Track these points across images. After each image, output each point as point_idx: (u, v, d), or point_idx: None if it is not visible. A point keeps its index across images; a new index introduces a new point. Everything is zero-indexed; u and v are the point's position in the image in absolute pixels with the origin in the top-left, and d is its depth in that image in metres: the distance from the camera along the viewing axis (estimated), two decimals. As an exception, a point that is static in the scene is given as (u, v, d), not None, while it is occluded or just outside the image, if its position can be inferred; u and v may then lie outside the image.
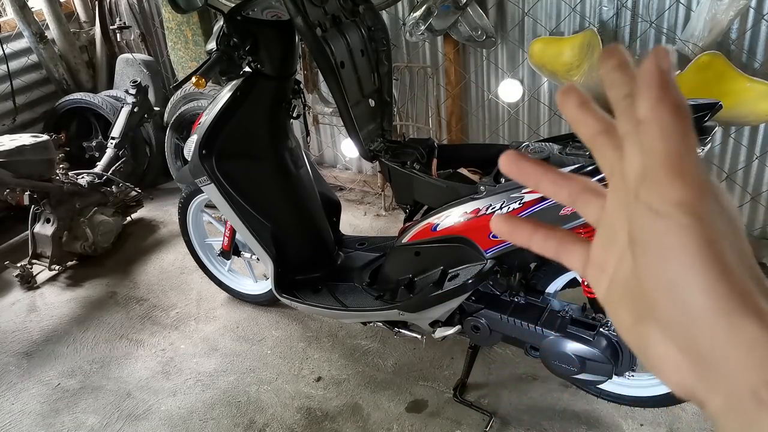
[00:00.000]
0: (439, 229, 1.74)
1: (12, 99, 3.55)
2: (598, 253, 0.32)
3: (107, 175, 3.18)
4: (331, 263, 2.26)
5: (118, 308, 2.72)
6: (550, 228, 0.35)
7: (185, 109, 3.28)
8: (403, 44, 3.03)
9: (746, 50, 2.28)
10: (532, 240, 0.35)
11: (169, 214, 3.46)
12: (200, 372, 2.29)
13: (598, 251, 0.32)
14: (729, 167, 2.51)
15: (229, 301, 2.68)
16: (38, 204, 2.94)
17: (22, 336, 2.59)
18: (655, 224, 0.26)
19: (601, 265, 0.31)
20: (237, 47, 1.82)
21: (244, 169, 2.08)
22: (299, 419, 2.04)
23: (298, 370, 2.25)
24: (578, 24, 2.57)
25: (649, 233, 0.27)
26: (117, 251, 3.17)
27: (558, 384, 2.04)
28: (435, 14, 2.59)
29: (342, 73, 1.74)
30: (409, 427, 1.97)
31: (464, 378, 2.05)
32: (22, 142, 2.79)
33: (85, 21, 4.00)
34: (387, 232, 3.06)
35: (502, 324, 1.79)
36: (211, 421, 2.07)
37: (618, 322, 0.31)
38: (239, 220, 2.10)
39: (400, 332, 2.05)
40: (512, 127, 2.99)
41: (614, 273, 0.30)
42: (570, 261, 0.34)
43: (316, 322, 2.49)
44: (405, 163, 1.84)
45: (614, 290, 0.30)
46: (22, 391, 2.27)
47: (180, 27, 3.29)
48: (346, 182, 3.53)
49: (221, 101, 1.99)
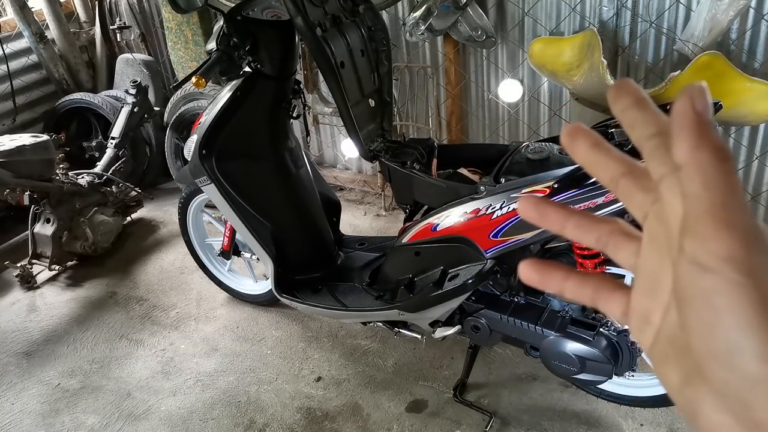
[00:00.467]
0: (439, 229, 1.74)
1: (12, 99, 3.55)
2: (640, 301, 0.29)
3: (107, 175, 3.18)
4: (331, 263, 2.26)
5: (118, 308, 2.72)
6: (584, 274, 0.32)
7: (185, 109, 3.28)
8: (403, 44, 3.03)
9: (746, 50, 2.28)
10: (564, 287, 0.33)
11: (169, 214, 3.46)
12: (200, 372, 2.29)
13: (639, 300, 0.29)
14: (729, 167, 2.51)
15: (229, 301, 2.68)
16: (38, 204, 2.94)
17: (22, 336, 2.59)
18: (703, 280, 0.24)
19: (644, 316, 0.29)
20: (237, 47, 1.82)
21: (244, 169, 2.08)
22: (299, 419, 2.04)
23: (298, 370, 2.25)
24: (578, 24, 2.57)
25: (696, 290, 0.25)
26: (117, 251, 3.17)
27: (558, 384, 2.04)
28: (435, 14, 2.59)
29: (342, 73, 1.74)
30: (409, 427, 1.97)
31: (464, 378, 2.05)
32: (22, 142, 2.79)
33: (85, 21, 4.00)
34: (387, 232, 3.06)
35: (502, 324, 1.79)
36: (211, 421, 2.07)
37: (666, 380, 0.28)
38: (239, 220, 2.10)
39: (400, 332, 2.05)
40: (512, 127, 2.99)
41: (661, 326, 0.28)
42: (609, 309, 0.31)
43: (316, 322, 2.49)
44: (405, 163, 1.84)
45: (660, 345, 0.28)
46: (22, 391, 2.27)
47: (180, 27, 3.29)
48: (346, 182, 3.53)
49: (221, 101, 1.99)
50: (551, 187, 1.50)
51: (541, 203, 0.32)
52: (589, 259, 1.63)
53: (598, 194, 1.50)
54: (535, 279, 0.33)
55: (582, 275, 0.32)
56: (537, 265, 0.33)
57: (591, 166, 0.30)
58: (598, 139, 0.30)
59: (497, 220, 1.60)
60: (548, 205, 0.32)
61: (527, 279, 0.33)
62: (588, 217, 0.32)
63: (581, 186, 1.50)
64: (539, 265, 0.33)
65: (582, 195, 1.49)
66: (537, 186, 1.53)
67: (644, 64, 2.50)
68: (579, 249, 1.64)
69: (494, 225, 1.61)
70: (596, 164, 0.30)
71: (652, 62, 2.48)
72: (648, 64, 2.49)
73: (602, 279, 0.32)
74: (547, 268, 0.33)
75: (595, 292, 0.32)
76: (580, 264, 1.66)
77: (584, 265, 1.65)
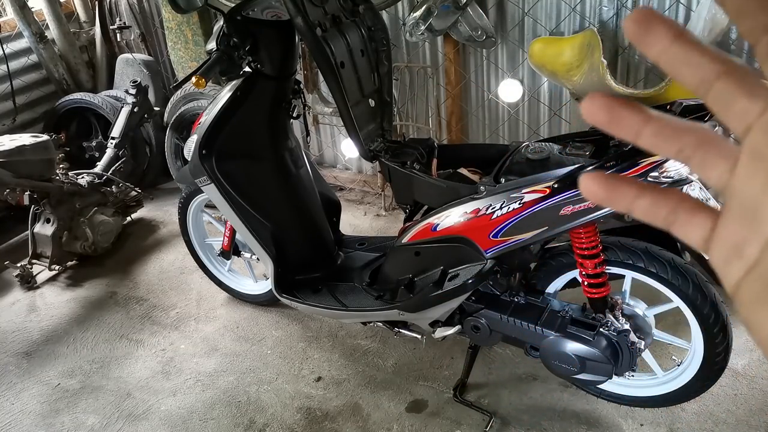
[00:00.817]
0: (439, 229, 1.74)
1: (12, 99, 3.55)
2: (733, 229, 0.25)
3: (107, 175, 3.18)
4: (331, 263, 2.26)
5: (118, 308, 2.72)
6: (661, 191, 0.28)
7: (185, 109, 3.28)
8: (403, 44, 3.03)
9: (746, 50, 2.28)
10: (635, 205, 0.28)
11: (169, 214, 3.46)
12: (200, 372, 2.29)
13: (732, 227, 0.25)
14: (729, 167, 2.51)
15: (229, 301, 2.68)
16: (38, 204, 2.94)
17: (22, 336, 2.59)
18: None
19: (735, 246, 0.25)
20: (237, 47, 1.82)
21: (244, 169, 2.08)
22: (299, 419, 2.04)
23: (298, 370, 2.25)
24: (578, 24, 2.57)
25: None
26: (117, 251, 3.17)
27: (558, 384, 2.04)
28: (435, 14, 2.59)
29: (342, 73, 1.74)
30: (409, 427, 1.97)
31: (464, 378, 2.05)
32: (22, 142, 2.79)
33: (85, 21, 3.99)
34: (387, 232, 3.06)
35: (502, 324, 1.79)
36: (211, 421, 2.07)
37: (754, 323, 0.25)
38: (239, 220, 2.10)
39: (400, 332, 2.05)
40: (512, 127, 2.99)
41: (758, 260, 0.24)
42: (687, 233, 0.27)
43: (316, 322, 2.49)
44: (405, 163, 1.84)
45: (753, 283, 0.24)
46: (22, 391, 2.27)
47: (180, 27, 3.29)
48: (346, 182, 3.53)
49: (221, 101, 1.99)
50: (551, 187, 1.50)
51: (613, 102, 0.27)
52: (589, 259, 1.63)
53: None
54: (601, 195, 0.29)
55: (659, 191, 0.28)
56: (604, 179, 0.29)
57: (673, 65, 0.25)
58: (681, 29, 0.25)
59: (497, 220, 1.60)
60: (622, 107, 0.27)
61: (590, 195, 0.29)
62: (670, 125, 0.27)
63: (581, 186, 1.50)
64: (607, 180, 0.29)
65: (582, 195, 1.49)
66: (537, 186, 1.53)
67: (644, 64, 2.50)
68: (579, 249, 1.64)
69: (494, 225, 1.61)
70: (682, 62, 0.25)
71: (652, 62, 2.48)
72: (648, 64, 2.49)
73: (683, 197, 0.28)
74: (616, 182, 0.29)
75: (672, 212, 0.28)
76: (580, 264, 1.66)
77: (584, 265, 1.65)
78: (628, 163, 1.45)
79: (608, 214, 1.50)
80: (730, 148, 0.25)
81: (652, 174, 1.45)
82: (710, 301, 1.59)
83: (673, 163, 1.45)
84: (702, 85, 0.25)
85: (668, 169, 1.45)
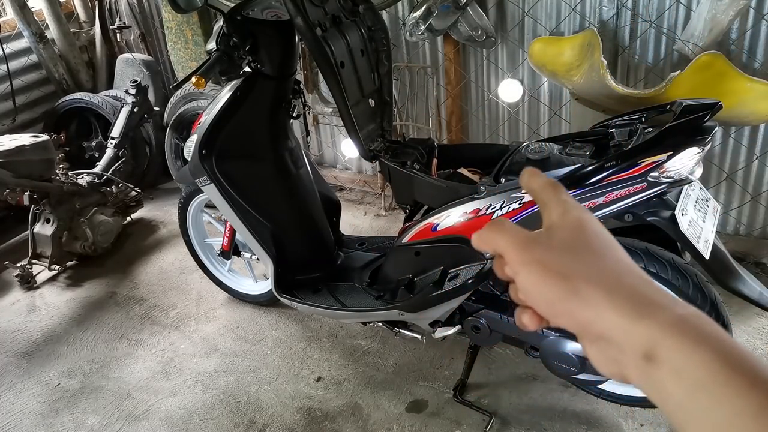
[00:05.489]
0: (439, 229, 1.74)
1: (12, 99, 3.55)
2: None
3: (107, 175, 3.18)
4: (331, 263, 2.26)
5: (118, 308, 2.72)
6: None
7: (185, 109, 3.28)
8: (403, 44, 3.03)
9: (746, 50, 2.28)
10: None
11: (169, 214, 3.46)
12: (200, 372, 2.29)
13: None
14: (729, 167, 2.51)
15: (229, 301, 2.68)
16: (38, 204, 2.94)
17: (22, 336, 2.59)
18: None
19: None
20: (237, 47, 1.81)
21: (244, 169, 2.08)
22: (299, 419, 2.04)
23: (298, 370, 2.25)
24: (578, 24, 2.57)
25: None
26: (117, 251, 3.17)
27: (558, 384, 2.04)
28: (435, 14, 2.59)
29: (342, 73, 1.74)
30: (409, 427, 1.97)
31: (464, 378, 2.05)
32: (22, 142, 2.79)
33: (85, 21, 4.00)
34: (387, 232, 3.06)
35: (502, 324, 1.79)
36: (211, 421, 2.07)
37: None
38: (239, 220, 2.10)
39: (400, 332, 2.05)
40: (512, 127, 2.99)
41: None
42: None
43: (316, 322, 2.49)
44: (405, 163, 1.84)
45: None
46: (22, 391, 2.27)
47: (180, 27, 3.29)
48: (346, 182, 3.53)
49: (221, 101, 1.99)
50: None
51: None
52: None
53: (598, 194, 1.50)
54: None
55: None
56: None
57: None
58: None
59: (497, 220, 1.59)
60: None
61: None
62: None
63: (581, 186, 1.51)
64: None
65: (582, 195, 1.49)
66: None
67: (644, 64, 2.50)
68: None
69: (494, 225, 1.60)
70: None
71: (652, 62, 2.48)
72: (648, 64, 2.49)
73: None
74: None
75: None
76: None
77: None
78: (628, 163, 1.45)
79: (608, 214, 1.50)
80: None
81: (652, 174, 1.45)
82: (710, 301, 1.59)
83: (673, 163, 1.45)
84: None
85: (668, 169, 1.45)
